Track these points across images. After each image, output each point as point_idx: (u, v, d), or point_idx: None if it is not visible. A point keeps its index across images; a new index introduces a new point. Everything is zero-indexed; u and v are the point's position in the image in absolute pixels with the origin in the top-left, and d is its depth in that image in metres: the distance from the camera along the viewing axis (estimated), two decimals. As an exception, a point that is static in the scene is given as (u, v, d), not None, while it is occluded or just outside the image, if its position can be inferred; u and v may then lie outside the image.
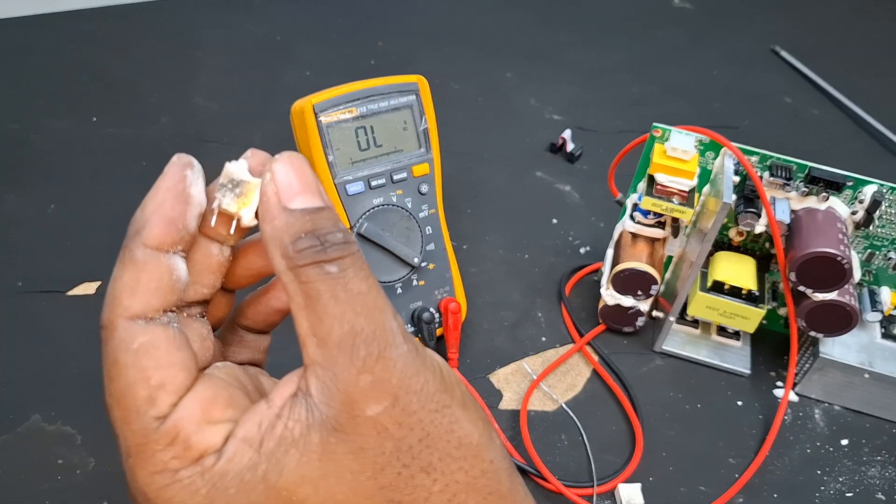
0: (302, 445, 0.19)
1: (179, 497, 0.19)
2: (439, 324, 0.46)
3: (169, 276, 0.20)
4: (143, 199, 0.21)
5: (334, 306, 0.19)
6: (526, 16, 0.88)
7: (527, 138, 0.68)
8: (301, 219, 0.20)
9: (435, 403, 0.20)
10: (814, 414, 0.46)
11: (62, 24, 0.78)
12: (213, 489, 0.19)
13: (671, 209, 0.44)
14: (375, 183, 0.44)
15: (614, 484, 0.41)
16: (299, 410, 0.19)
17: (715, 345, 0.49)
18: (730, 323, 0.46)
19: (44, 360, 0.45)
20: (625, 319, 0.49)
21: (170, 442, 0.19)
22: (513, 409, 0.45)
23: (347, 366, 0.19)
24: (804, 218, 0.43)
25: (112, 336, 0.20)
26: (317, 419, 0.19)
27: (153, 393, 0.19)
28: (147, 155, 0.61)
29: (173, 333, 0.20)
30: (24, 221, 0.54)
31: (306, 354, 0.20)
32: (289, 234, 0.19)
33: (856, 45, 0.89)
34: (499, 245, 0.56)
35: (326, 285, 0.19)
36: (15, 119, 0.64)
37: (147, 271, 0.20)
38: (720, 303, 0.45)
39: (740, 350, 0.49)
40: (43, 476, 0.39)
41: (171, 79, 0.71)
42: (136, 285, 0.20)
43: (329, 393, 0.19)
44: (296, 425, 0.19)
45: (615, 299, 0.48)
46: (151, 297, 0.20)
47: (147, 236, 0.20)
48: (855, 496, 0.42)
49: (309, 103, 0.42)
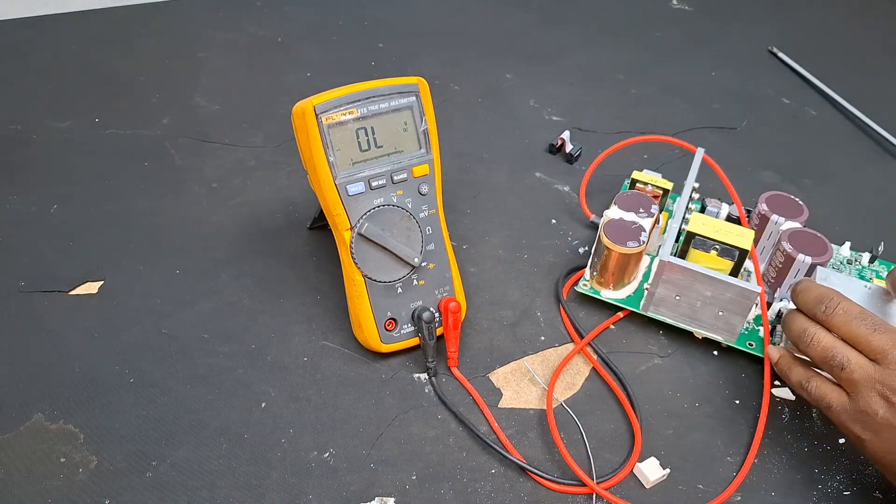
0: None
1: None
2: (439, 323, 0.47)
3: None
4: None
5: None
6: (525, 17, 0.89)
7: (526, 139, 0.68)
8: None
9: None
10: (812, 412, 0.46)
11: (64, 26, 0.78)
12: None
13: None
14: (376, 183, 0.44)
15: (614, 483, 0.41)
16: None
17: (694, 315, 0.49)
18: (726, 238, 0.48)
19: (46, 359, 0.45)
20: (627, 235, 0.50)
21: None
22: (512, 408, 0.45)
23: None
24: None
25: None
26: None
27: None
28: (149, 155, 0.61)
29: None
30: (26, 221, 0.55)
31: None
32: None
33: (853, 47, 0.89)
34: (498, 245, 0.57)
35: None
36: (17, 119, 0.65)
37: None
38: (715, 221, 0.49)
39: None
40: (45, 474, 0.40)
41: (172, 80, 0.72)
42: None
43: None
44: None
45: (619, 214, 0.51)
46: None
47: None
48: (852, 494, 0.42)
49: (310, 104, 0.42)
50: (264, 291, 0.51)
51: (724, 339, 0.49)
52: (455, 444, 0.43)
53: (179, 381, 0.45)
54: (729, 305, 0.47)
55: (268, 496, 0.40)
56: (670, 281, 0.47)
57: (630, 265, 0.50)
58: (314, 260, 0.54)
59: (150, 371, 0.45)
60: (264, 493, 0.40)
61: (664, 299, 0.49)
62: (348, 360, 0.47)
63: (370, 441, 0.43)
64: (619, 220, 0.50)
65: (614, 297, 0.51)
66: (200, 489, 0.40)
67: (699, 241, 0.49)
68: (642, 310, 0.50)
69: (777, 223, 0.52)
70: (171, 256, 0.53)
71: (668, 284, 0.48)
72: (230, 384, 0.45)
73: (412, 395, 0.45)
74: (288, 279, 0.52)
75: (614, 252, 0.49)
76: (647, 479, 0.41)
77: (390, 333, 0.46)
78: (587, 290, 0.51)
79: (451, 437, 0.43)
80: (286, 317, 0.50)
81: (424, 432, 0.43)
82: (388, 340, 0.46)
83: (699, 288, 0.47)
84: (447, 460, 0.42)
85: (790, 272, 0.49)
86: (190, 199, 0.58)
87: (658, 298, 0.49)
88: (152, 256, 0.52)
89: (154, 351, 0.47)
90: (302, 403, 0.44)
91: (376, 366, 0.47)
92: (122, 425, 0.42)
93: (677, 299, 0.48)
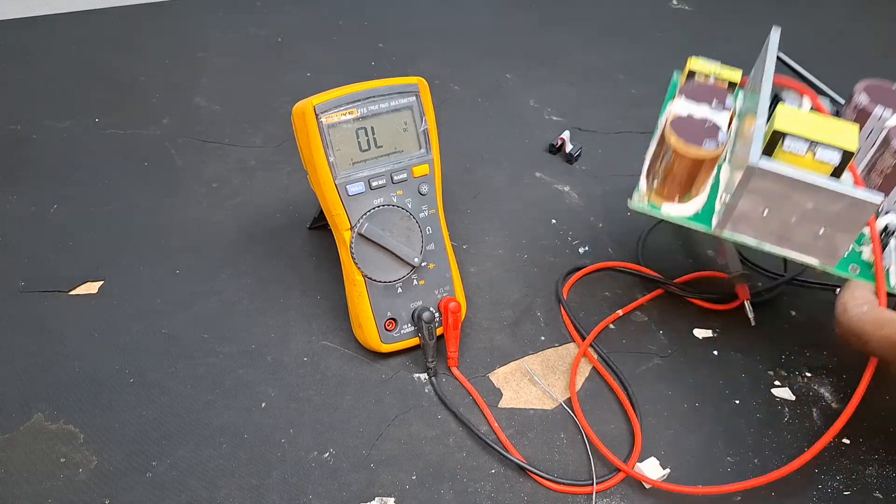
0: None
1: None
2: (439, 323, 0.47)
3: None
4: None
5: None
6: (525, 17, 0.89)
7: (526, 139, 0.68)
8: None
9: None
10: (812, 413, 0.46)
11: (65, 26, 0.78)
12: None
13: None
14: (376, 183, 0.44)
15: (614, 483, 0.41)
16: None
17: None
18: (824, 137, 0.39)
19: (46, 359, 0.45)
20: (701, 134, 0.41)
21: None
22: (512, 408, 0.45)
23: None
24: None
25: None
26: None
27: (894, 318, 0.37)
28: (149, 155, 0.61)
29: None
30: (26, 221, 0.55)
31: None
32: None
33: (854, 47, 0.89)
34: (498, 245, 0.57)
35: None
36: (18, 119, 0.65)
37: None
38: (806, 115, 0.40)
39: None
40: (45, 475, 0.40)
41: (172, 80, 0.72)
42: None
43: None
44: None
45: (688, 109, 0.43)
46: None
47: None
48: (852, 494, 0.42)
49: (310, 104, 0.42)
50: (264, 291, 0.51)
51: (819, 264, 0.40)
52: (455, 444, 0.43)
53: (179, 381, 0.45)
54: (835, 221, 0.37)
55: (268, 496, 0.40)
56: (759, 191, 0.37)
57: (702, 173, 0.41)
58: (314, 260, 0.54)
59: (150, 371, 0.45)
60: (264, 493, 0.40)
61: (747, 215, 0.39)
62: (348, 360, 0.47)
63: (370, 441, 0.43)
64: (688, 118, 0.42)
65: (679, 212, 0.42)
66: (200, 489, 0.40)
67: (792, 140, 0.38)
68: (716, 229, 0.41)
69: (881, 118, 0.42)
70: (171, 256, 0.53)
71: (756, 196, 0.38)
72: (230, 384, 0.45)
73: (412, 395, 0.45)
74: (288, 279, 0.52)
75: (686, 157, 0.39)
76: (647, 479, 0.41)
77: (390, 333, 0.46)
78: (643, 207, 0.42)
79: (451, 437, 0.43)
80: (286, 317, 0.50)
81: (424, 432, 0.43)
82: (388, 340, 0.46)
83: (798, 199, 0.37)
84: (447, 460, 0.42)
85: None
86: (190, 199, 0.58)
87: (740, 214, 0.39)
88: (152, 256, 0.52)
89: (154, 351, 0.47)
90: (302, 403, 0.44)
91: (376, 366, 0.47)
92: (122, 425, 0.42)
93: (765, 215, 0.38)
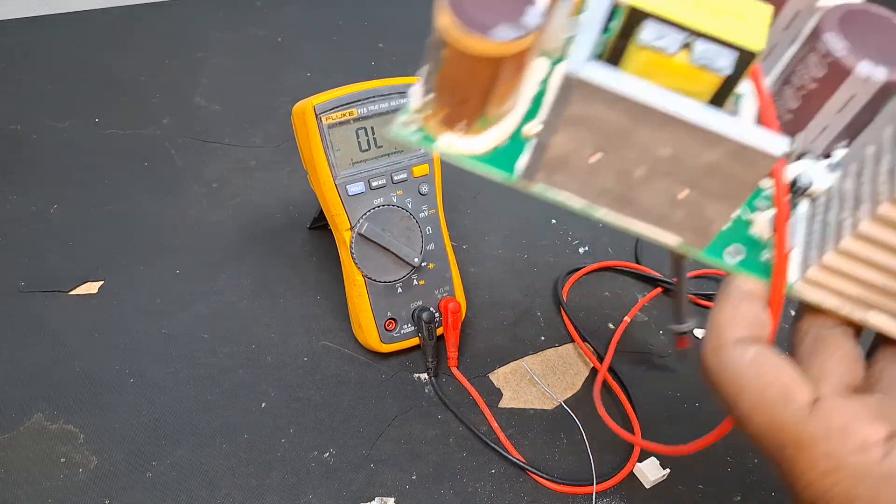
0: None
1: (845, 483, 0.19)
2: (439, 323, 0.47)
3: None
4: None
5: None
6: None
7: (526, 139, 0.68)
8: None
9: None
10: (811, 413, 0.46)
11: (64, 26, 0.78)
12: (882, 481, 0.18)
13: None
14: (376, 183, 0.44)
15: (614, 483, 0.41)
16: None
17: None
18: (709, 26, 0.21)
19: (46, 359, 0.45)
20: (497, 12, 0.20)
21: (826, 427, 0.19)
22: (512, 408, 0.45)
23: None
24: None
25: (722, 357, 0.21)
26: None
27: (786, 389, 0.20)
28: (149, 155, 0.61)
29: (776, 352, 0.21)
30: (26, 221, 0.55)
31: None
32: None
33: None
34: (498, 245, 0.57)
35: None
36: (17, 119, 0.65)
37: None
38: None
39: None
40: (45, 475, 0.40)
41: (172, 79, 0.72)
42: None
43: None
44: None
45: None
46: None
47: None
48: (852, 494, 0.42)
49: (310, 104, 0.42)
50: (264, 291, 0.51)
51: (680, 245, 0.24)
52: (455, 444, 0.43)
53: (179, 381, 0.45)
54: (707, 178, 0.21)
55: (268, 496, 0.40)
56: (582, 120, 0.21)
57: (502, 82, 0.22)
58: (314, 260, 0.54)
59: (150, 371, 0.45)
60: (264, 493, 0.40)
61: (567, 160, 0.22)
62: (348, 360, 0.47)
63: (370, 441, 0.43)
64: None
65: (465, 149, 0.24)
66: (200, 489, 0.40)
67: (656, 28, 0.21)
68: (521, 180, 0.24)
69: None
70: (171, 256, 0.53)
71: (578, 128, 0.21)
72: (230, 384, 0.45)
73: (412, 395, 0.45)
74: (288, 279, 0.52)
75: (464, 51, 0.20)
76: (647, 479, 0.41)
77: (390, 333, 0.46)
78: (408, 136, 0.23)
79: (451, 437, 0.43)
80: (286, 317, 0.50)
81: (424, 432, 0.43)
82: (388, 340, 0.46)
83: (646, 138, 0.21)
84: (447, 460, 0.42)
85: (835, 101, 0.23)
86: (190, 199, 0.58)
87: (555, 158, 0.22)
88: (152, 256, 0.52)
89: (154, 351, 0.47)
90: (302, 403, 0.44)
91: (376, 366, 0.47)
92: (122, 425, 0.42)
93: (595, 161, 0.22)
